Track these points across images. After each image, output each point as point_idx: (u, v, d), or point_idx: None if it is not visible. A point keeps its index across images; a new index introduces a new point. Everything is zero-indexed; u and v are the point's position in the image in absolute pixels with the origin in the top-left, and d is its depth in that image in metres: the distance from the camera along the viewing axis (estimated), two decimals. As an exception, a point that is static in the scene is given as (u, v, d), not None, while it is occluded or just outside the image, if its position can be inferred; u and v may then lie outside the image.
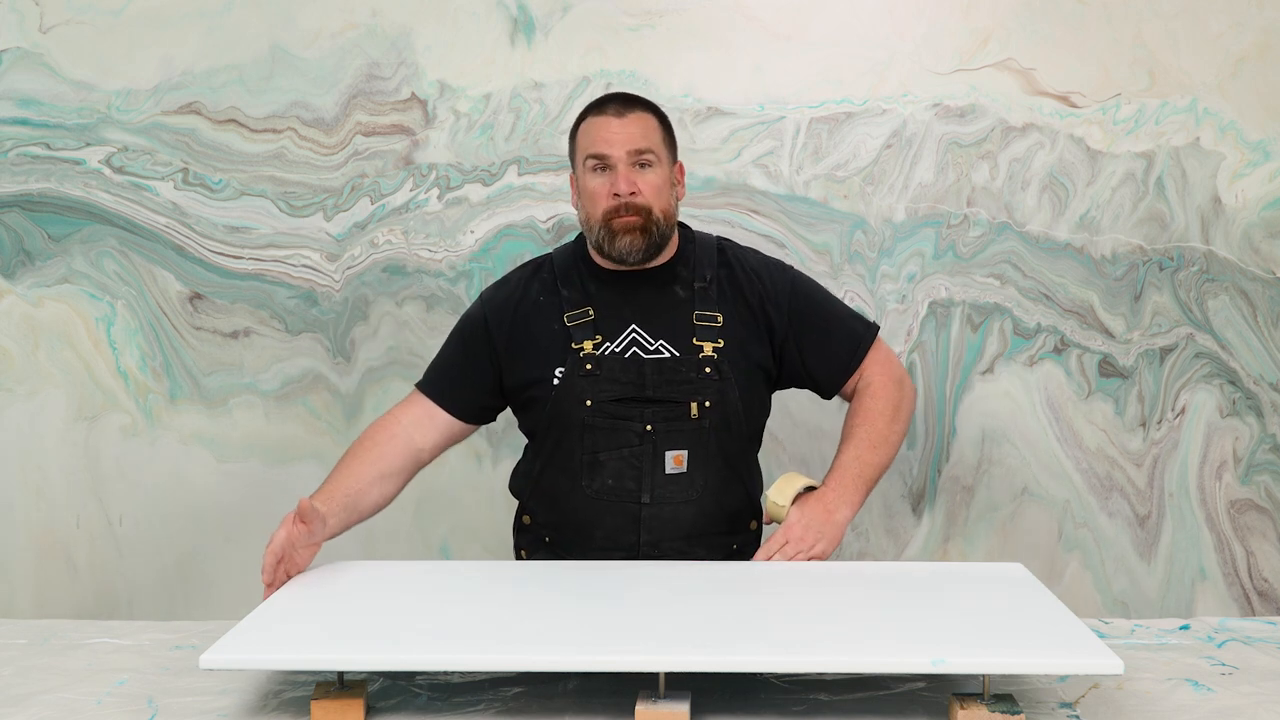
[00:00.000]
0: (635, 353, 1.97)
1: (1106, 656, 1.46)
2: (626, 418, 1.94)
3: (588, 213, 1.99)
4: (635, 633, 1.55)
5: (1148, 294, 2.66)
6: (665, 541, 1.98)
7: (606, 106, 1.99)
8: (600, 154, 1.96)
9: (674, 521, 1.98)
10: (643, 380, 1.95)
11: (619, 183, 1.94)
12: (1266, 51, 2.63)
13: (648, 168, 1.97)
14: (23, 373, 2.70)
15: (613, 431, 1.95)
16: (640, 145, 1.96)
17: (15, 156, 2.67)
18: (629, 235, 1.95)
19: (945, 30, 2.63)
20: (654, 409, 1.94)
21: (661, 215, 1.97)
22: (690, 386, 1.95)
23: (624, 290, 2.02)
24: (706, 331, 1.98)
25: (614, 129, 1.96)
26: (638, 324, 1.99)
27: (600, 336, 1.98)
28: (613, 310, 2.00)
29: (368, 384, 2.70)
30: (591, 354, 1.96)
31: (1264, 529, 2.69)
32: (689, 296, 2.01)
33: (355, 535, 2.71)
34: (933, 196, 2.65)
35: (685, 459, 1.96)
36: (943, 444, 2.69)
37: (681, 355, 1.97)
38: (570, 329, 1.98)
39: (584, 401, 1.96)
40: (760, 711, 1.55)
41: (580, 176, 2.01)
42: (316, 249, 2.69)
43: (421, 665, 1.51)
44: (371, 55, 2.65)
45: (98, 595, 2.73)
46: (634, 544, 1.98)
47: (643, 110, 2.00)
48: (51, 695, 1.62)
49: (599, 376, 1.95)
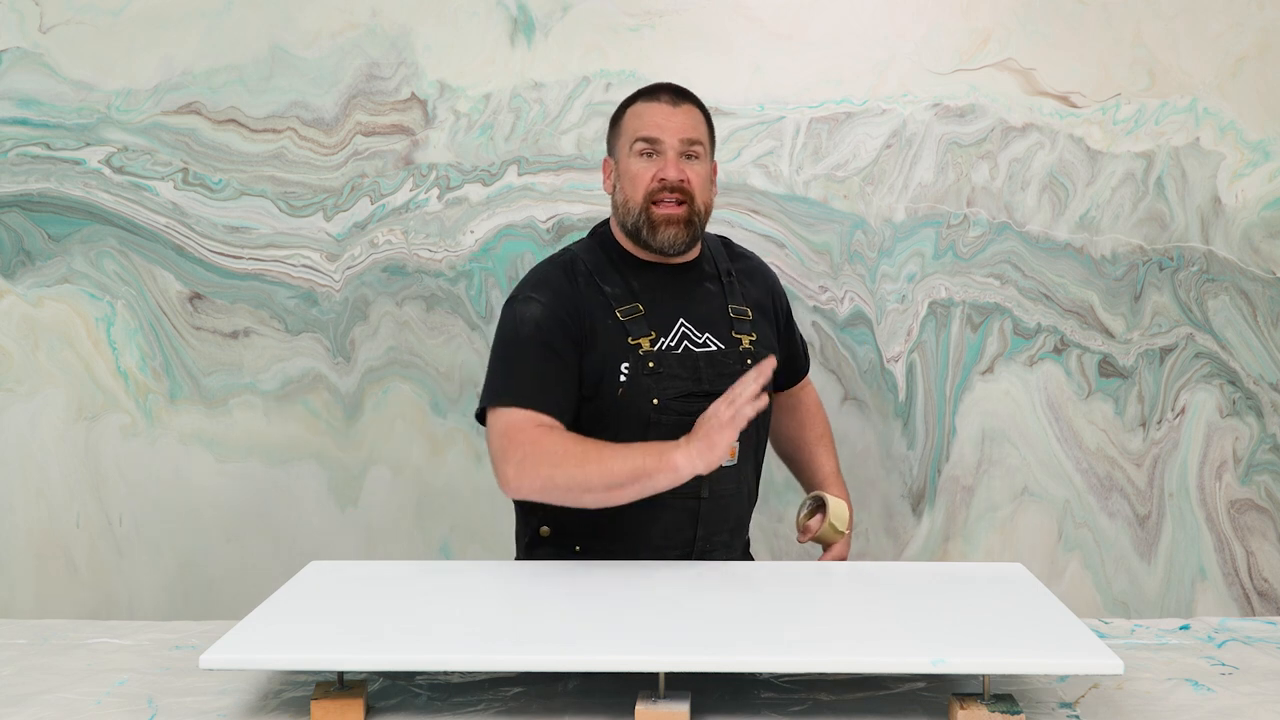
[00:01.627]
0: (687, 347, 1.96)
1: (1106, 656, 1.46)
2: (689, 413, 1.86)
3: (626, 195, 1.97)
4: (635, 633, 1.55)
5: (1148, 294, 2.66)
6: (716, 535, 1.99)
7: (660, 94, 1.99)
8: (652, 138, 1.95)
9: (724, 514, 1.99)
10: (699, 375, 1.94)
11: (669, 168, 1.94)
12: (1266, 51, 2.63)
13: (695, 160, 1.98)
14: (22, 373, 2.70)
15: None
16: (691, 135, 1.97)
17: (15, 156, 2.67)
18: (672, 227, 1.95)
19: (945, 30, 2.63)
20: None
21: (703, 207, 1.99)
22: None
23: (666, 284, 2.01)
24: (742, 325, 2.02)
25: (668, 115, 1.96)
26: (685, 318, 1.98)
27: (655, 332, 1.95)
28: (660, 305, 1.98)
29: (368, 384, 2.70)
30: (651, 351, 1.94)
31: (1264, 529, 2.69)
32: (719, 290, 2.04)
33: (355, 535, 2.73)
34: (933, 196, 2.66)
35: (737, 451, 1.96)
36: (943, 444, 2.69)
37: (727, 348, 1.98)
38: (625, 324, 1.95)
39: (651, 400, 1.92)
40: (760, 711, 1.55)
41: (623, 160, 1.99)
42: (316, 249, 2.69)
43: (421, 665, 1.51)
44: (371, 55, 2.65)
45: (97, 595, 2.73)
46: (690, 540, 1.96)
47: (694, 104, 2.02)
48: (51, 695, 1.63)
49: (662, 374, 1.93)
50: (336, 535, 2.71)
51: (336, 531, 2.71)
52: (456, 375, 2.69)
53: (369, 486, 2.71)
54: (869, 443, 2.69)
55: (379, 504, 2.72)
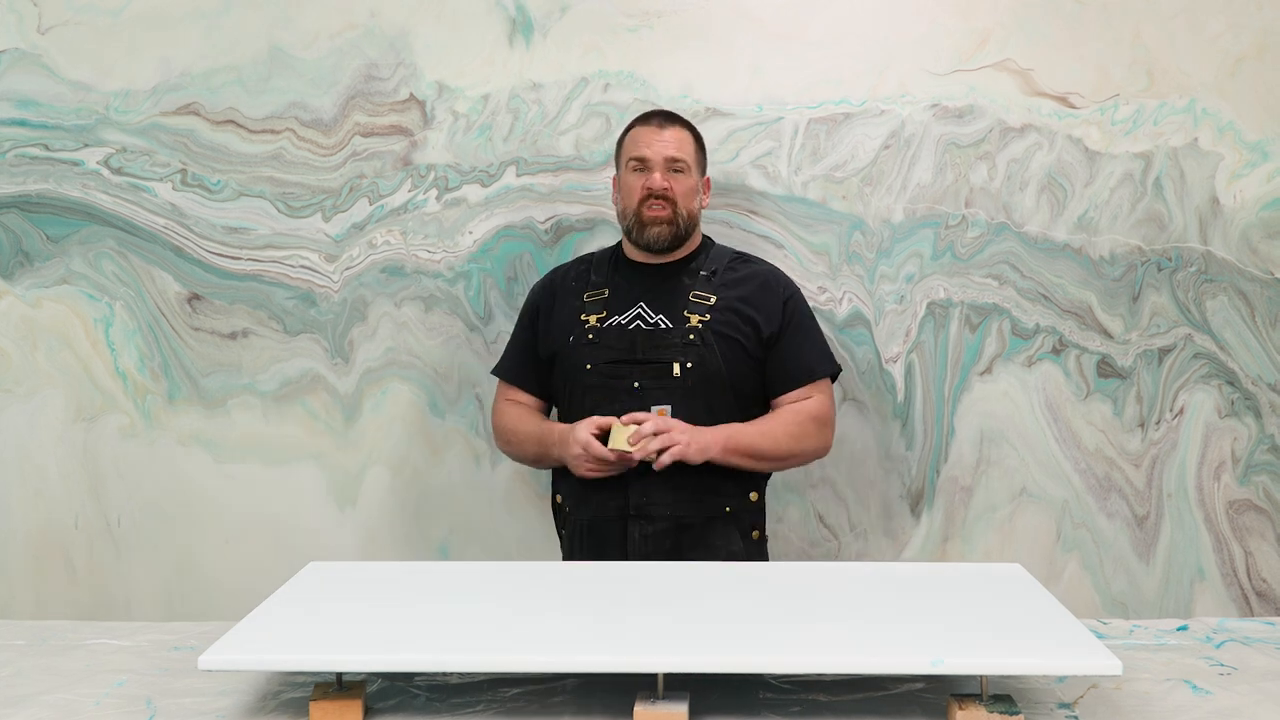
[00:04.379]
0: (638, 324, 2.28)
1: (1105, 657, 1.46)
2: (619, 377, 2.25)
3: (624, 204, 2.34)
4: (634, 633, 1.55)
5: (1146, 294, 2.66)
6: (654, 493, 2.20)
7: (652, 119, 2.35)
8: (641, 156, 2.32)
9: (661, 478, 2.18)
10: (634, 346, 2.26)
11: (654, 179, 2.29)
12: (1265, 52, 2.63)
13: (679, 173, 2.32)
14: (21, 373, 2.70)
15: (608, 390, 2.25)
16: (674, 154, 2.31)
17: (13, 157, 2.67)
18: (657, 226, 2.30)
19: (944, 31, 2.63)
20: (642, 369, 2.25)
21: (685, 212, 2.32)
22: (674, 350, 2.25)
23: (642, 277, 2.35)
24: (697, 306, 2.29)
25: (655, 137, 2.32)
26: (645, 302, 2.31)
27: (607, 311, 2.30)
28: (626, 291, 2.33)
29: (366, 384, 2.70)
30: (595, 326, 2.29)
31: (1262, 529, 2.69)
32: (692, 282, 2.33)
33: (355, 535, 2.73)
34: (931, 197, 2.66)
35: (669, 412, 2.22)
36: (941, 444, 2.69)
37: (673, 326, 2.27)
38: (585, 304, 2.33)
39: (585, 365, 2.27)
40: (759, 712, 1.56)
41: (622, 175, 2.36)
42: (315, 250, 2.69)
43: (420, 666, 1.51)
44: (370, 56, 2.65)
45: (96, 596, 2.73)
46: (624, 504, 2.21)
47: (680, 127, 2.35)
48: (50, 696, 1.63)
49: (598, 344, 2.28)
50: (335, 536, 2.71)
51: (335, 532, 2.71)
52: (455, 376, 2.69)
53: (368, 487, 2.71)
54: (867, 443, 2.69)
55: (378, 505, 2.72)
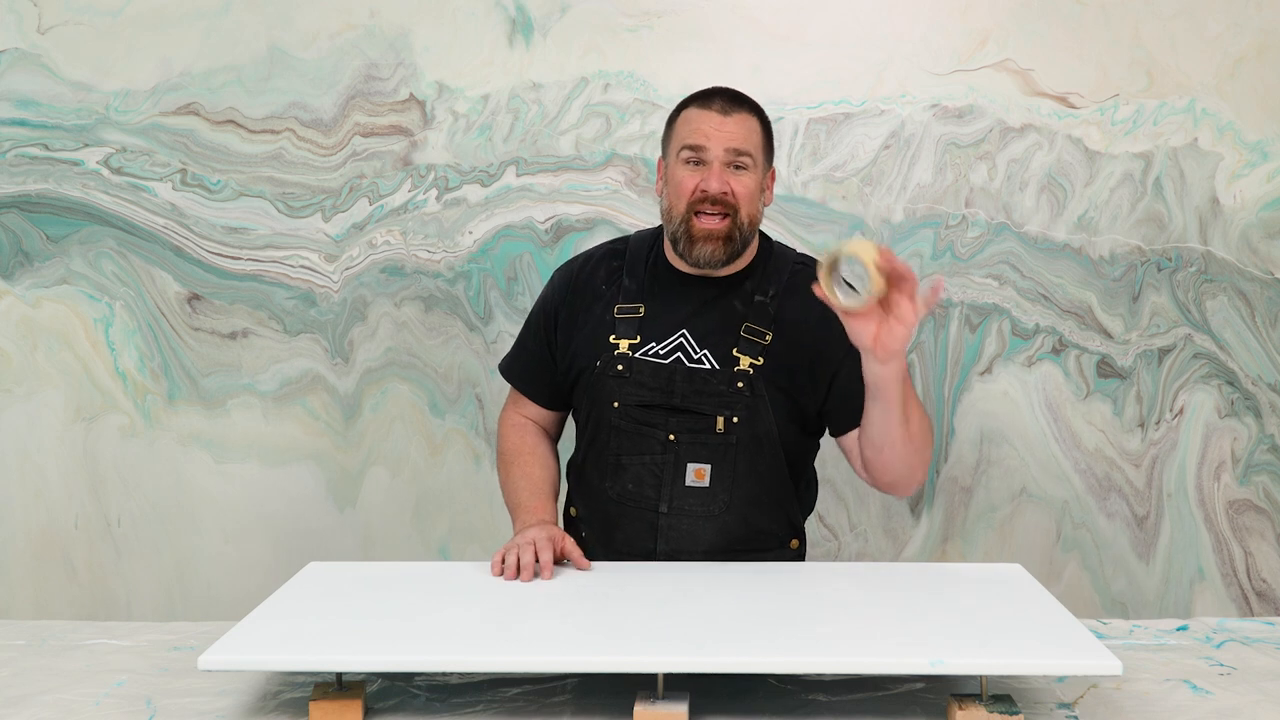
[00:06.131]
0: (679, 358, 1.90)
1: (1105, 657, 1.46)
2: (651, 424, 1.89)
3: (671, 203, 1.91)
4: (634, 633, 1.55)
5: (1146, 294, 2.66)
6: (683, 554, 1.93)
7: (713, 101, 1.90)
8: (697, 145, 1.87)
9: (692, 535, 1.92)
10: (671, 388, 1.88)
11: (711, 180, 1.86)
12: (1264, 52, 2.63)
13: (743, 170, 1.88)
14: (21, 374, 2.70)
15: (637, 436, 1.90)
16: (739, 146, 1.87)
17: (13, 157, 2.67)
18: (710, 244, 1.87)
19: (943, 31, 2.63)
20: (679, 419, 1.88)
21: (747, 220, 1.89)
22: (719, 400, 1.87)
23: (685, 293, 1.94)
24: (749, 346, 1.89)
25: (716, 124, 1.87)
26: (688, 330, 1.91)
27: (641, 337, 1.91)
28: (666, 311, 1.93)
29: (366, 385, 2.70)
30: (625, 354, 1.91)
31: (1262, 529, 2.69)
32: (745, 310, 1.92)
33: (355, 535, 2.73)
34: (931, 197, 2.66)
35: (708, 474, 1.89)
36: (941, 444, 2.69)
37: (720, 368, 1.89)
38: (617, 321, 1.93)
39: (612, 402, 1.91)
40: (759, 712, 1.55)
41: (671, 165, 1.92)
42: (315, 250, 2.69)
43: (420, 666, 1.51)
44: (370, 56, 2.65)
45: (96, 596, 2.73)
46: (650, 552, 1.93)
47: (748, 111, 1.91)
48: (50, 696, 1.62)
49: (627, 379, 1.90)
50: (335, 536, 2.71)
51: (335, 532, 2.71)
52: (455, 376, 2.69)
53: (367, 487, 2.71)
54: (867, 443, 2.69)
55: (377, 505, 2.72)
